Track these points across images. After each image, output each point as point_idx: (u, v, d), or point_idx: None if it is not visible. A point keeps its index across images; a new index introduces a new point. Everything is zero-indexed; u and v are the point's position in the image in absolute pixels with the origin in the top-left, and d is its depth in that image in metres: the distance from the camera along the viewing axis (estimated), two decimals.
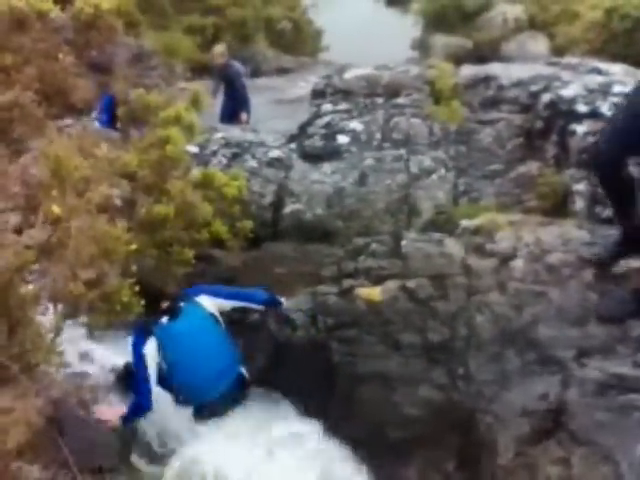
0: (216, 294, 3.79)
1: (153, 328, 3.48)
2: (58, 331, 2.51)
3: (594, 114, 4.86)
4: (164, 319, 3.55)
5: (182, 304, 3.63)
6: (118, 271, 2.92)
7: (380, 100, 5.72)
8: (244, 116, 8.38)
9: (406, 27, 20.28)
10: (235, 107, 8.46)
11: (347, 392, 3.49)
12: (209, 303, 3.72)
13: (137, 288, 2.89)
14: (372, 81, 5.87)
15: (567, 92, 5.16)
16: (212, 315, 3.71)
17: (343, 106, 5.78)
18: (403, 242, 4.17)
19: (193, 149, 5.39)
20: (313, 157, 5.49)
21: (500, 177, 5.06)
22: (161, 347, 3.51)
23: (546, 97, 5.22)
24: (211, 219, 3.92)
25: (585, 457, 2.82)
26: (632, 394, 2.98)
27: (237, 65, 8.78)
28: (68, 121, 3.29)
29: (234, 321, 4.27)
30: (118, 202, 3.52)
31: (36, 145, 2.49)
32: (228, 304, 3.80)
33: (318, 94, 6.05)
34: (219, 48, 8.85)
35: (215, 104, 8.11)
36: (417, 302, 3.69)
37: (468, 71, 6.03)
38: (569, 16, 17.46)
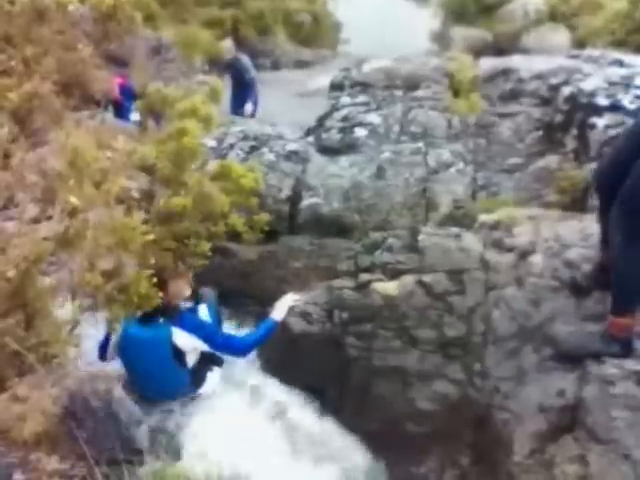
0: (200, 334, 3.64)
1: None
2: (76, 323, 2.52)
3: (615, 107, 4.80)
4: (138, 315, 3.43)
5: (161, 320, 3.58)
6: (135, 262, 2.93)
7: (398, 93, 5.69)
8: (249, 107, 8.39)
9: (425, 19, 20.15)
10: (244, 101, 8.51)
11: (363, 386, 3.49)
12: (184, 340, 3.61)
13: (155, 279, 2.89)
14: (391, 73, 5.84)
15: (588, 85, 5.09)
16: (174, 349, 3.61)
17: (361, 99, 5.75)
18: (420, 236, 4.15)
19: (211, 142, 5.40)
20: (331, 150, 5.47)
21: (519, 171, 5.01)
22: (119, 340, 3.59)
23: (566, 90, 5.16)
24: (228, 211, 3.91)
25: (603, 455, 2.78)
26: None
27: (245, 59, 8.83)
28: (86, 113, 3.30)
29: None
30: (136, 194, 3.53)
31: (54, 136, 2.51)
32: (201, 346, 3.66)
33: (336, 87, 6.03)
34: (226, 44, 8.93)
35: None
36: (434, 297, 3.67)
37: (487, 63, 5.98)
38: (592, 7, 17.25)
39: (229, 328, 4.27)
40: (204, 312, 3.89)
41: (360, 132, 5.46)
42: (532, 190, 4.83)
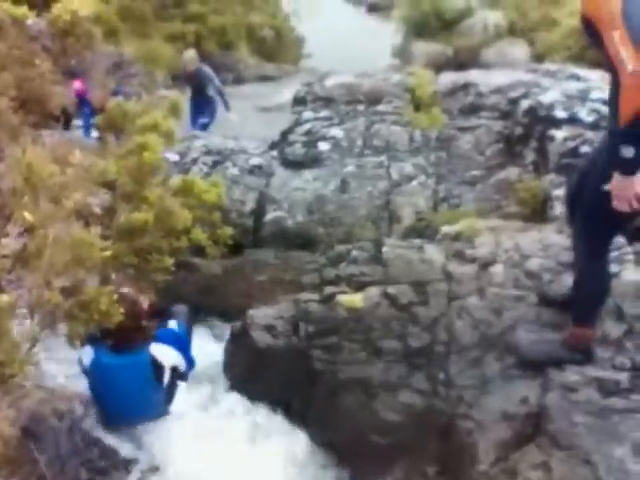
0: (178, 346, 3.60)
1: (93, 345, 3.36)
2: (34, 341, 2.48)
3: (573, 120, 4.92)
4: (109, 343, 3.40)
5: (138, 342, 3.46)
6: (96, 279, 2.90)
7: (361, 107, 5.75)
8: (204, 119, 8.33)
9: (387, 34, 20.40)
10: (205, 114, 8.44)
11: (329, 399, 3.48)
12: (164, 354, 3.53)
13: (116, 296, 2.86)
14: (353, 89, 5.90)
15: (546, 98, 5.22)
16: (154, 367, 3.51)
17: (324, 113, 5.80)
18: (384, 248, 4.18)
19: (173, 157, 5.38)
20: (294, 164, 5.50)
21: (480, 183, 5.10)
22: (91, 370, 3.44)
23: (525, 103, 5.28)
24: (191, 226, 3.90)
25: (565, 460, 2.82)
26: (611, 397, 3.00)
27: (208, 69, 8.71)
28: (45, 129, 3.26)
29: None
30: (97, 210, 3.50)
31: (10, 153, 2.47)
32: (180, 361, 3.60)
33: (299, 101, 6.07)
34: (189, 54, 8.77)
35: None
36: (398, 308, 3.69)
37: (448, 78, 6.08)
38: (548, 23, 17.67)
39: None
40: (173, 328, 3.85)
41: (323, 146, 5.50)
42: (493, 202, 4.92)
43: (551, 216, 4.57)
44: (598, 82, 5.26)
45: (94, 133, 5.89)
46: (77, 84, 5.92)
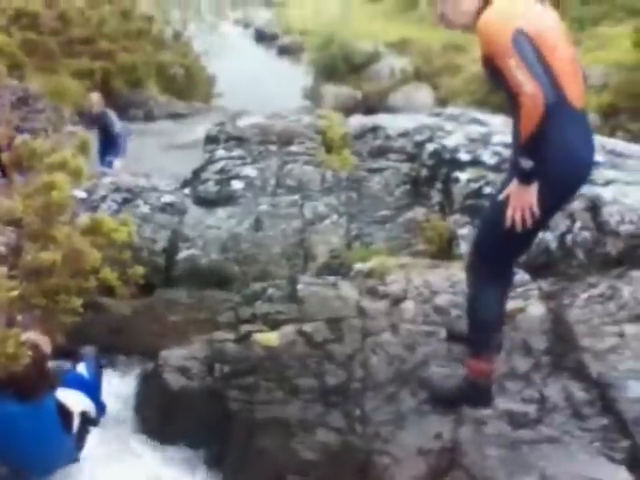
0: (84, 389, 3.47)
1: None
2: None
3: (476, 162, 5.17)
4: (10, 390, 3.19)
5: (43, 388, 3.26)
6: (1, 320, 2.77)
7: (273, 147, 5.82)
8: (117, 164, 8.38)
9: (298, 76, 20.83)
10: (111, 154, 8.51)
11: (245, 440, 3.42)
12: (72, 399, 3.39)
13: (23, 338, 2.73)
14: (265, 129, 5.97)
15: (450, 142, 5.46)
16: (62, 414, 3.34)
17: (237, 152, 5.82)
18: (299, 286, 4.22)
19: (81, 194, 5.23)
20: (207, 202, 5.47)
21: (389, 222, 5.24)
22: None
23: (430, 146, 5.50)
24: (100, 266, 3.79)
25: None
26: (521, 429, 3.11)
27: (111, 114, 8.93)
28: None
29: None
30: (2, 249, 3.35)
31: None
32: (89, 406, 3.47)
33: (212, 140, 6.07)
34: (94, 97, 9.00)
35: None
36: (314, 346, 3.71)
37: (357, 121, 6.27)
38: (452, 69, 18.60)
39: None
40: (82, 372, 3.70)
41: (237, 184, 5.51)
42: (402, 240, 5.07)
43: (457, 254, 4.75)
44: (500, 126, 5.56)
45: None
46: None
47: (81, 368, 3.73)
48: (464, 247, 4.62)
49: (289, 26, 28.92)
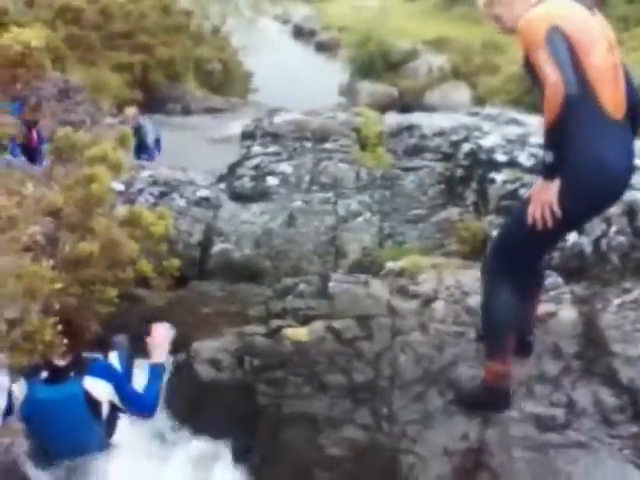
0: (113, 382, 3.47)
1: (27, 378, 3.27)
2: None
3: (512, 163, 5.14)
4: (43, 376, 3.29)
5: (72, 374, 3.35)
6: (39, 309, 2.85)
7: (309, 144, 5.85)
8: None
9: (334, 73, 20.82)
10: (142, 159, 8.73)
11: (272, 434, 3.47)
12: (99, 388, 3.42)
13: (60, 327, 2.81)
14: (301, 126, 6.01)
15: (486, 142, 5.43)
16: (90, 401, 3.39)
17: (272, 149, 5.87)
18: (330, 283, 4.25)
19: (119, 187, 5.34)
20: (242, 197, 5.54)
21: (423, 222, 5.24)
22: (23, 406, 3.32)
23: (466, 146, 5.48)
24: (136, 257, 3.87)
25: None
26: (548, 433, 3.10)
27: (148, 124, 9.17)
28: None
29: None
30: (41, 239, 3.44)
31: None
32: (115, 397, 3.47)
33: (248, 136, 6.14)
34: (130, 111, 9.22)
35: None
36: (343, 343, 3.74)
37: (393, 119, 6.27)
38: (490, 68, 18.43)
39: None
40: (114, 361, 3.77)
41: (272, 181, 5.57)
42: (435, 240, 5.06)
43: None
44: (537, 127, 5.51)
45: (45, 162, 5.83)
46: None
47: (113, 356, 3.81)
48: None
49: (327, 22, 28.93)
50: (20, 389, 3.33)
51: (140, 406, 3.51)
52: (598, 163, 2.75)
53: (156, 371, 3.54)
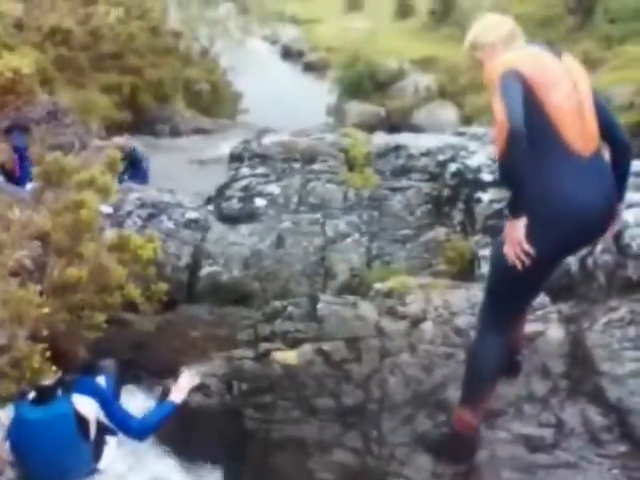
0: (99, 399, 3.46)
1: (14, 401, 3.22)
2: None
3: (498, 183, 5.16)
4: (30, 396, 3.24)
5: (59, 393, 3.32)
6: (27, 335, 2.83)
7: (297, 165, 5.89)
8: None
9: (322, 93, 20.93)
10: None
11: (261, 459, 3.45)
12: (87, 406, 3.40)
13: (48, 354, 2.80)
14: (289, 147, 6.04)
15: (473, 161, 5.48)
16: (79, 419, 3.37)
17: (261, 170, 5.90)
18: (319, 305, 4.25)
19: (107, 209, 5.33)
20: (231, 219, 5.55)
21: (410, 242, 5.27)
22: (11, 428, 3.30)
23: (453, 166, 5.53)
24: (124, 282, 3.86)
25: None
26: (537, 453, 3.11)
27: (139, 149, 9.12)
28: None
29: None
30: (29, 264, 3.43)
31: None
32: (101, 414, 3.48)
33: (236, 158, 6.16)
34: (120, 140, 9.19)
35: None
36: (332, 365, 3.74)
37: (380, 140, 6.31)
38: (477, 87, 18.57)
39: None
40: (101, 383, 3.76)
41: (260, 202, 5.59)
42: (423, 260, 5.09)
43: (478, 275, 4.75)
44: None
45: (28, 186, 5.81)
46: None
47: (100, 380, 3.79)
48: (485, 268, 4.62)
49: (315, 43, 29.16)
50: (6, 414, 3.30)
51: (131, 427, 3.49)
52: (562, 200, 2.73)
53: (167, 407, 3.53)
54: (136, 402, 4.16)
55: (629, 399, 3.25)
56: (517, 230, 2.72)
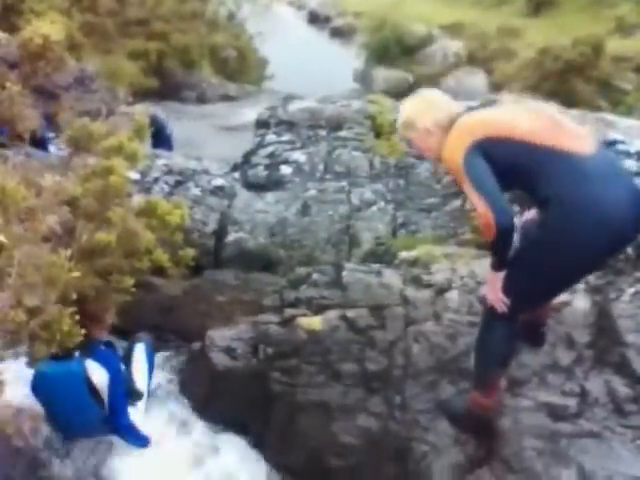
0: (110, 373, 3.59)
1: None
2: None
3: None
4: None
5: (76, 354, 3.48)
6: (58, 299, 2.89)
7: (323, 132, 5.86)
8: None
9: (349, 59, 20.69)
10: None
11: (286, 422, 3.52)
12: (98, 375, 3.55)
13: (77, 317, 2.86)
14: (315, 114, 6.01)
15: None
16: (88, 384, 3.53)
17: (287, 137, 5.88)
18: (344, 272, 4.27)
19: (135, 176, 5.38)
20: (257, 186, 5.56)
21: (436, 210, 5.23)
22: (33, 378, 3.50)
23: None
24: (152, 247, 3.90)
25: None
26: (560, 422, 3.13)
27: (161, 116, 9.09)
28: (11, 151, 3.25)
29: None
30: (59, 229, 3.48)
31: None
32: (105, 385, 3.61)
33: (262, 124, 6.15)
34: (141, 107, 9.14)
35: None
36: (356, 332, 3.77)
37: None
38: (506, 54, 18.25)
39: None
40: (140, 353, 3.85)
41: (286, 169, 5.58)
42: (449, 229, 5.05)
43: None
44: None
45: (52, 148, 5.87)
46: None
47: (139, 348, 3.90)
48: (514, 237, 4.59)
49: (343, 8, 28.74)
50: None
51: (119, 418, 3.65)
52: (588, 197, 2.60)
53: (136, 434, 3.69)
54: (162, 363, 4.27)
55: None
56: (499, 281, 2.82)
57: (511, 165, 2.67)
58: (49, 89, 4.06)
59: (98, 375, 3.54)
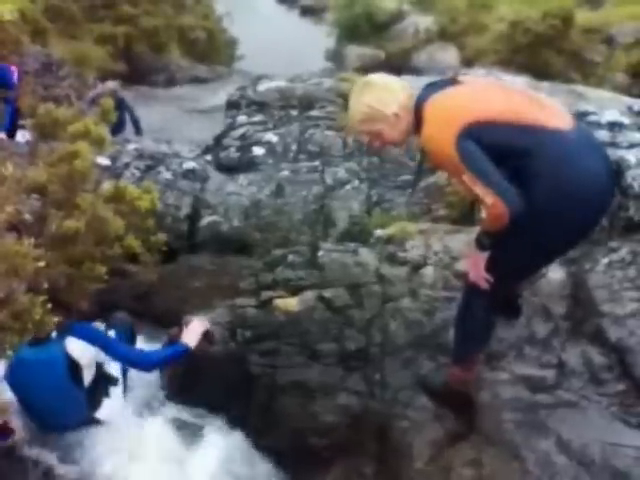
0: (97, 343, 3.49)
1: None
2: None
3: None
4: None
5: (54, 336, 3.39)
6: (27, 289, 2.84)
7: (294, 112, 5.81)
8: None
9: (320, 37, 20.52)
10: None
11: (266, 403, 3.51)
12: (80, 350, 3.45)
13: (49, 305, 2.81)
14: (286, 93, 5.96)
15: None
16: (70, 364, 3.43)
17: (258, 118, 5.83)
18: (320, 252, 4.24)
19: (105, 161, 5.30)
20: (229, 169, 5.51)
21: (410, 187, 5.22)
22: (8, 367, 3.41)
23: None
24: (123, 233, 3.85)
25: (495, 456, 2.94)
26: (538, 394, 3.14)
27: (126, 101, 8.96)
28: None
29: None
30: (28, 217, 3.42)
31: None
32: (98, 354, 3.52)
33: (233, 105, 6.08)
34: (110, 84, 8.99)
35: None
36: (334, 311, 3.76)
37: None
38: (478, 28, 18.20)
39: None
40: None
41: (258, 151, 5.53)
42: (423, 205, 5.05)
43: (478, 219, 4.72)
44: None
45: (20, 136, 5.75)
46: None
47: (111, 334, 3.84)
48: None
49: None
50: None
51: (138, 359, 3.54)
52: (572, 172, 2.62)
53: (178, 348, 3.52)
54: None
55: (629, 339, 3.27)
56: (484, 260, 2.82)
57: (498, 147, 2.62)
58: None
59: (80, 351, 3.46)
